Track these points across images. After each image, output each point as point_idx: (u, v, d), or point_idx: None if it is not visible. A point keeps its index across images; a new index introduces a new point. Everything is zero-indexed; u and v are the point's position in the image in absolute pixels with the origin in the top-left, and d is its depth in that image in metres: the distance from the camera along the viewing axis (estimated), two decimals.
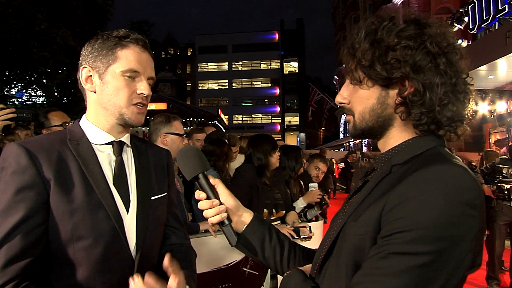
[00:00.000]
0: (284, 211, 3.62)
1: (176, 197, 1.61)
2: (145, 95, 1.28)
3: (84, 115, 1.34)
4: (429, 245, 0.77)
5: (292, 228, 3.21)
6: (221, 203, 1.15)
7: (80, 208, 1.14)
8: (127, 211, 1.25)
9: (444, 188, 0.79)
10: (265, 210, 3.34)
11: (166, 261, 1.04)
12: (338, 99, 1.07)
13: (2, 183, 1.11)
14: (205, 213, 1.14)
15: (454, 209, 0.78)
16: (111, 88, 1.25)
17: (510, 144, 5.94)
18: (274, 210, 3.52)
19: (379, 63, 0.92)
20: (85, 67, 1.27)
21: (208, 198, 1.15)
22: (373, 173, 1.08)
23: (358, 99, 1.01)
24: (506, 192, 5.34)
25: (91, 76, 1.27)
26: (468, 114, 0.96)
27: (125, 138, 1.34)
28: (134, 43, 1.27)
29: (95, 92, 1.28)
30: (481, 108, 11.43)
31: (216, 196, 1.15)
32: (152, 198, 1.34)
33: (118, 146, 1.31)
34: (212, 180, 1.18)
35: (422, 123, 0.93)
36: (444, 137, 0.97)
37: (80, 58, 1.30)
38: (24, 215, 1.08)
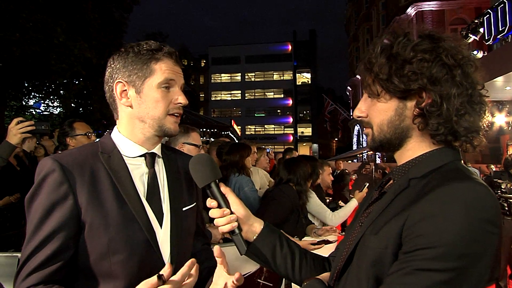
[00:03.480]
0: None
1: None
2: (182, 104, 1.30)
3: (115, 127, 1.34)
4: (453, 262, 0.78)
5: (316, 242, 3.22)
6: (232, 212, 1.16)
7: (114, 222, 1.16)
8: (161, 223, 1.26)
9: (466, 206, 0.80)
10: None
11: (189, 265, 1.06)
12: (356, 113, 1.09)
13: (37, 198, 1.14)
14: (216, 222, 1.15)
15: (476, 227, 0.79)
16: (149, 101, 1.25)
17: (506, 156, 5.74)
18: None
19: (397, 76, 0.95)
20: (120, 82, 1.26)
21: (219, 206, 1.16)
22: (388, 184, 1.09)
23: (376, 111, 1.03)
24: (506, 208, 5.05)
25: (125, 90, 1.27)
26: (484, 125, 0.98)
27: (157, 149, 1.34)
28: (168, 57, 1.28)
29: (130, 107, 1.27)
30: (498, 119, 11.23)
31: (227, 205, 1.17)
32: (184, 209, 1.35)
33: (150, 158, 1.31)
34: (223, 189, 1.19)
35: (439, 133, 0.95)
36: (459, 150, 1.00)
37: (109, 71, 1.29)
38: (52, 230, 1.11)
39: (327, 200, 6.73)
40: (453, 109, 0.93)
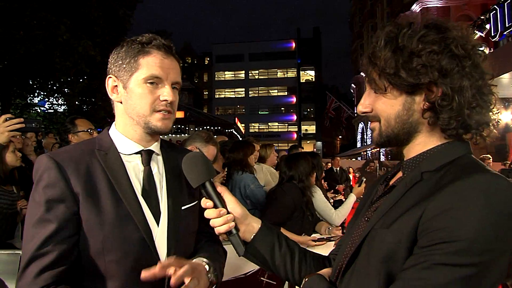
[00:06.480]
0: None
1: None
2: (168, 101, 1.23)
3: (113, 123, 1.32)
4: (474, 257, 0.76)
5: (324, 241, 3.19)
6: (228, 212, 1.13)
7: (109, 221, 1.13)
8: (158, 222, 1.23)
9: (488, 199, 0.77)
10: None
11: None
12: (360, 108, 1.05)
13: (36, 196, 1.13)
14: (212, 222, 1.12)
15: (499, 221, 0.77)
16: (134, 97, 1.22)
17: None
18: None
19: (404, 70, 0.92)
20: (111, 77, 1.26)
21: (215, 206, 1.12)
22: (396, 178, 1.06)
23: (383, 106, 1.00)
24: None
25: (116, 86, 1.25)
26: (494, 116, 0.96)
27: (154, 147, 1.31)
28: (156, 49, 1.23)
29: (121, 102, 1.26)
30: (504, 117, 11.13)
31: (223, 205, 1.13)
32: (183, 208, 1.31)
33: (146, 156, 1.28)
34: (219, 188, 1.15)
35: (451, 128, 0.92)
36: (469, 143, 0.97)
37: (108, 65, 1.28)
38: (55, 228, 1.10)
39: (333, 196, 6.74)
40: (465, 102, 0.90)
